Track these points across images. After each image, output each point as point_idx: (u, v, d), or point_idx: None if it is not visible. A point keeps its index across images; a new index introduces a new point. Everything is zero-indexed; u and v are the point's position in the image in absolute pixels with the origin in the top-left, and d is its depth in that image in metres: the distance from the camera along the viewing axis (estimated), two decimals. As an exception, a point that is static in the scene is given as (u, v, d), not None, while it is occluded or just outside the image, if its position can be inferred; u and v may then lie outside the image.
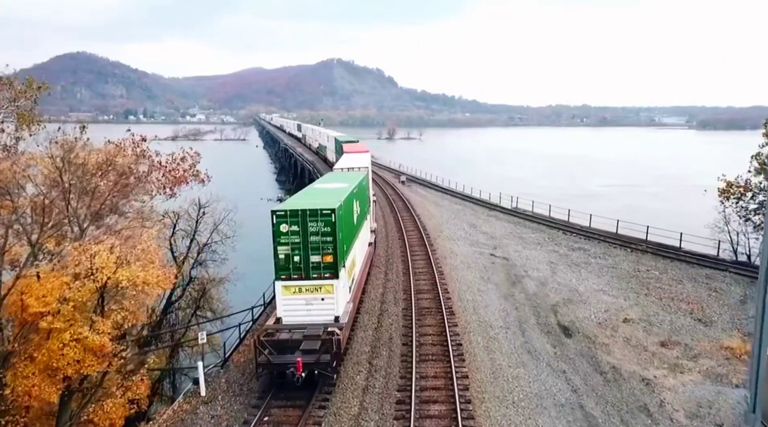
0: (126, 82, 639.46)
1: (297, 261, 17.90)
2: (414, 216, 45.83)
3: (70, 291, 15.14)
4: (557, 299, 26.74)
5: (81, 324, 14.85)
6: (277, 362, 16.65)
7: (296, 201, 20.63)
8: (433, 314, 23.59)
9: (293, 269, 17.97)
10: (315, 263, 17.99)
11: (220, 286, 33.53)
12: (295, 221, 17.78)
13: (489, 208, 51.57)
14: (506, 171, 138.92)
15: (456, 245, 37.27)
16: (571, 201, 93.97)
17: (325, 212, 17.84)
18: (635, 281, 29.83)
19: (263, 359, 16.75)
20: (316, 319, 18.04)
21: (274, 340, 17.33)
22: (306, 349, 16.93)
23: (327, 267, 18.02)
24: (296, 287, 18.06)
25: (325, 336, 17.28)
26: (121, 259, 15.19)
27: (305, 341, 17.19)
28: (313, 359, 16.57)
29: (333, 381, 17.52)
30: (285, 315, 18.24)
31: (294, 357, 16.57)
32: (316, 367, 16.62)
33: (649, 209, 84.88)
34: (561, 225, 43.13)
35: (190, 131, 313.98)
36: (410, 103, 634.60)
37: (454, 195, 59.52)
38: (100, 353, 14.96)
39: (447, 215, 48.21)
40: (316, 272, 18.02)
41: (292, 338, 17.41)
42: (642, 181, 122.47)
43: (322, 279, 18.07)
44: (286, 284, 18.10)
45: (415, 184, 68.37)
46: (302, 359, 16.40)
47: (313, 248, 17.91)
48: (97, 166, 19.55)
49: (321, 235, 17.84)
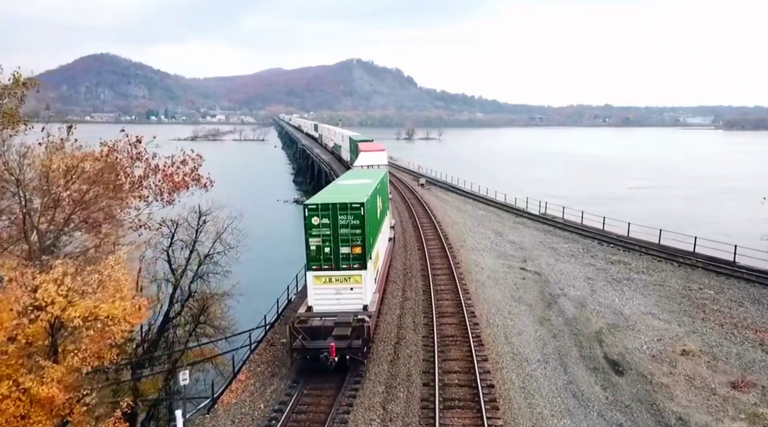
0: (148, 83, 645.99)
1: (327, 252, 18.77)
2: (434, 223, 42.55)
3: (18, 328, 12.28)
4: (601, 325, 23.26)
5: (25, 371, 11.97)
6: (311, 347, 17.51)
7: (326, 195, 21.18)
8: (459, 345, 20.32)
9: (324, 259, 18.84)
10: (344, 255, 18.82)
11: (222, 301, 30.80)
12: (326, 214, 18.63)
13: (516, 214, 48.00)
14: (531, 172, 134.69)
15: (482, 256, 33.91)
16: (601, 205, 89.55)
17: (355, 206, 18.67)
18: (688, 302, 26.16)
19: (298, 344, 17.62)
20: (345, 307, 18.85)
21: (307, 326, 18.12)
22: (338, 335, 17.73)
23: (356, 258, 18.88)
24: (327, 277, 18.91)
25: (356, 323, 18.12)
26: (75, 291, 12.29)
27: (337, 328, 18.00)
28: (345, 345, 17.47)
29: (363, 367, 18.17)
30: (316, 304, 19.09)
31: (327, 342, 17.37)
32: (347, 352, 17.47)
33: (687, 214, 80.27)
34: (596, 234, 39.43)
35: (209, 132, 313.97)
36: (429, 103, 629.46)
37: (477, 199, 56.03)
38: (49, 406, 12.07)
39: (470, 221, 44.80)
40: (346, 262, 18.85)
41: (324, 325, 18.20)
42: (674, 183, 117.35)
43: (351, 270, 18.89)
44: (317, 274, 18.97)
45: (436, 187, 65.03)
46: (335, 344, 17.22)
47: (343, 240, 18.75)
48: (63, 172, 16.69)
49: (350, 227, 18.69)
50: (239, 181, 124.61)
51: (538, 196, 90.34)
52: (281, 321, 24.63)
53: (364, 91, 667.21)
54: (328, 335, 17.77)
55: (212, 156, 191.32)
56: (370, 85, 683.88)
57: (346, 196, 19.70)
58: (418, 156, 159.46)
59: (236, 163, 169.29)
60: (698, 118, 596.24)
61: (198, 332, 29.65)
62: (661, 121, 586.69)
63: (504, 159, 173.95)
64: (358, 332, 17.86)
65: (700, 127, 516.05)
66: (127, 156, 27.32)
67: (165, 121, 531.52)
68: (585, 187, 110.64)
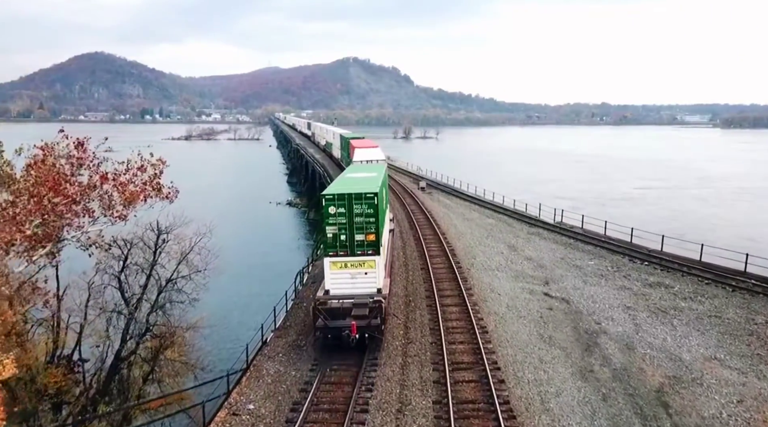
0: (143, 82, 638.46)
1: (343, 239, 19.50)
2: (439, 234, 37.54)
3: None
4: (659, 379, 18.23)
5: None
6: (334, 326, 18.80)
7: (341, 186, 21.68)
8: (483, 419, 15.25)
9: (340, 246, 19.59)
10: (359, 241, 19.56)
11: (192, 332, 25.80)
12: (342, 204, 19.36)
13: (528, 223, 42.91)
14: (535, 172, 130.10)
15: (496, 278, 28.87)
16: (613, 207, 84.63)
17: (369, 195, 19.42)
18: (758, 343, 21.14)
19: (321, 324, 18.97)
20: (360, 290, 19.63)
21: (328, 308, 19.20)
22: (357, 315, 18.94)
23: (370, 245, 19.59)
24: (342, 262, 19.67)
25: (372, 304, 19.11)
26: None
27: (355, 308, 19.11)
28: (365, 323, 18.81)
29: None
30: (332, 288, 19.79)
31: (347, 322, 18.66)
32: (367, 330, 18.82)
33: (704, 217, 75.72)
34: (624, 248, 34.38)
35: (203, 131, 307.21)
36: (426, 102, 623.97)
37: (484, 205, 50.92)
38: None
39: (479, 232, 39.77)
40: (360, 249, 19.61)
41: (342, 306, 19.21)
42: (682, 183, 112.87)
43: (366, 255, 19.62)
44: (333, 260, 19.73)
45: (437, 192, 59.96)
46: (356, 323, 18.53)
47: (358, 228, 19.49)
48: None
49: (365, 216, 19.41)
50: (232, 181, 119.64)
51: (546, 197, 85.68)
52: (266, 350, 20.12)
53: (361, 90, 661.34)
54: (347, 316, 18.94)
55: (205, 156, 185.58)
56: (367, 83, 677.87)
57: (360, 187, 20.39)
58: (417, 156, 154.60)
59: (229, 163, 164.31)
60: (696, 117, 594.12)
61: (160, 372, 24.65)
62: (659, 120, 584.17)
63: (505, 159, 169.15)
64: (375, 312, 19.01)
65: (698, 126, 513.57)
66: (68, 162, 22.29)
67: (160, 120, 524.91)
68: (592, 187, 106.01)
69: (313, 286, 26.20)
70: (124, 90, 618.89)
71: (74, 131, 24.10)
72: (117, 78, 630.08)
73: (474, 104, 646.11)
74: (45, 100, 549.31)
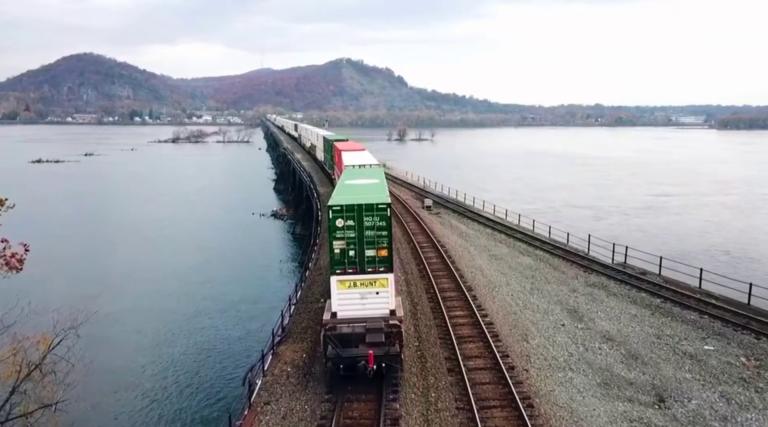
0: (133, 83, 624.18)
1: (352, 255, 17.57)
2: (463, 288, 26.11)
3: None
4: None
5: None
6: (348, 355, 16.66)
7: (347, 196, 18.78)
8: None
9: (348, 263, 17.63)
10: (370, 258, 17.62)
11: None
12: (351, 216, 17.46)
13: (581, 265, 31.21)
14: (541, 177, 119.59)
15: (574, 389, 17.45)
16: (637, 216, 72.77)
17: (381, 207, 17.54)
18: None
19: (333, 353, 16.78)
20: (370, 312, 17.46)
21: (338, 334, 16.96)
22: (372, 342, 16.76)
23: (382, 261, 17.60)
24: (351, 281, 17.63)
25: (388, 329, 16.94)
26: None
27: (369, 334, 16.88)
28: (383, 352, 16.62)
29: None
30: (340, 309, 17.56)
31: (361, 350, 16.61)
32: (385, 359, 16.65)
33: (741, 229, 65.42)
34: (743, 314, 23.06)
35: (192, 133, 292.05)
36: (420, 103, 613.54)
37: (511, 234, 39.32)
38: None
39: (517, 282, 28.31)
40: (371, 266, 17.62)
41: (354, 331, 17.00)
42: (702, 188, 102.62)
43: (377, 273, 17.59)
44: (341, 278, 17.66)
45: (446, 211, 48.45)
46: (374, 352, 16.41)
47: (368, 243, 17.57)
48: None
49: (376, 229, 17.48)
50: (213, 188, 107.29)
51: (561, 206, 74.78)
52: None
53: (354, 91, 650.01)
54: (360, 342, 16.79)
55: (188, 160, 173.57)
56: (360, 84, 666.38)
57: (369, 197, 18.21)
58: (414, 160, 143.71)
59: (214, 167, 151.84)
60: (690, 118, 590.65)
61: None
62: (653, 121, 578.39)
63: (507, 162, 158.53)
64: (393, 338, 16.76)
65: (694, 127, 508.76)
66: None
67: (149, 122, 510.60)
68: (607, 193, 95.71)
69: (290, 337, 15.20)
70: (113, 91, 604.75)
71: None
72: (106, 79, 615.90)
73: (468, 105, 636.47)
74: (32, 101, 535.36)
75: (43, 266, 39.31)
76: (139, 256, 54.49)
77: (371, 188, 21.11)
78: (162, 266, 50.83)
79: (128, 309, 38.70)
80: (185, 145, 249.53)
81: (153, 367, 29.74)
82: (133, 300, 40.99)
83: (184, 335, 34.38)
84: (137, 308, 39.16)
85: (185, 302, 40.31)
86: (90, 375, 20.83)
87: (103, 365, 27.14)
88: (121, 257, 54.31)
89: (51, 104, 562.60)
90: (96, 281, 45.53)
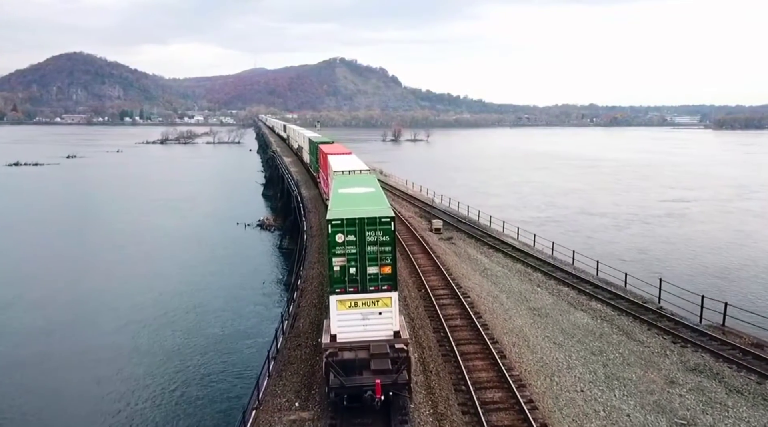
0: (123, 83, 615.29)
1: (353, 273, 15.96)
2: (510, 382, 17.24)
3: None
4: None
5: None
6: (352, 385, 14.97)
7: (344, 208, 17.44)
8: None
9: (349, 281, 16.00)
10: (372, 275, 16.02)
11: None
12: (352, 230, 15.88)
13: (659, 328, 22.63)
14: (549, 180, 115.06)
15: None
16: (661, 225, 68.07)
17: (384, 220, 15.98)
18: None
19: (336, 383, 15.03)
20: (373, 335, 15.87)
21: (340, 360, 15.29)
22: (378, 369, 15.14)
23: (385, 279, 16.01)
24: (352, 300, 16.01)
25: (394, 354, 15.40)
26: None
27: (374, 361, 15.29)
28: (391, 380, 14.97)
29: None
30: (340, 332, 15.85)
31: (366, 378, 15.02)
32: (393, 388, 14.98)
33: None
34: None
35: (182, 134, 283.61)
36: (414, 103, 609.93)
37: (546, 269, 31.31)
38: None
39: (580, 361, 19.58)
40: (374, 284, 16.00)
41: (357, 357, 15.40)
42: (719, 193, 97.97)
43: (380, 292, 15.96)
44: (340, 297, 16.02)
45: (459, 234, 40.23)
46: (381, 380, 14.80)
47: (371, 259, 15.95)
48: None
49: (379, 245, 15.90)
50: (198, 194, 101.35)
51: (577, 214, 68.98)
52: None
53: (348, 91, 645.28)
54: (364, 369, 15.13)
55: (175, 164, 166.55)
56: (354, 84, 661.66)
57: (372, 209, 16.62)
58: (411, 163, 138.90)
59: (202, 171, 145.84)
60: (686, 118, 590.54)
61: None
62: (648, 121, 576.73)
63: (509, 163, 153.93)
64: (400, 364, 15.04)
65: (690, 127, 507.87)
66: None
67: (140, 122, 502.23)
68: (621, 199, 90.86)
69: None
70: (103, 91, 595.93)
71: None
72: (96, 79, 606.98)
73: (463, 105, 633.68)
74: (20, 101, 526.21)
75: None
76: (106, 283, 47.26)
77: (370, 199, 19.48)
78: (134, 295, 44.17)
79: (85, 350, 33.11)
80: (174, 147, 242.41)
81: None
82: (98, 337, 35.31)
83: (156, 379, 29.06)
84: (101, 348, 33.52)
85: (159, 337, 34.91)
86: None
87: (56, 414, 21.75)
88: (82, 286, 47.83)
89: (39, 104, 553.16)
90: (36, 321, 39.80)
